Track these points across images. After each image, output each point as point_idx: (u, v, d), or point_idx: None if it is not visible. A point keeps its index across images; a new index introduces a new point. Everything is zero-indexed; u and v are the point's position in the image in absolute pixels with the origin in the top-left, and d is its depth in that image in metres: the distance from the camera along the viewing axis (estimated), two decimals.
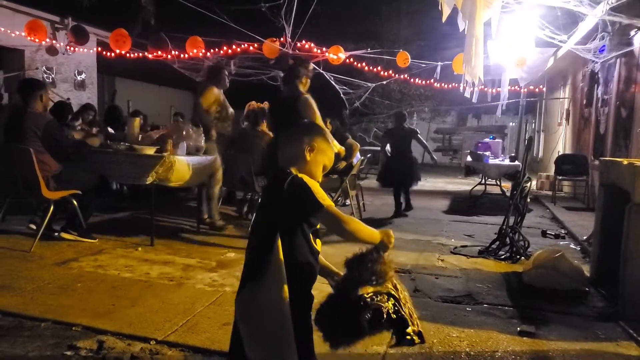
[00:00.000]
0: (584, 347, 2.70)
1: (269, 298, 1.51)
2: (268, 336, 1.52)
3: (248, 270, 1.61)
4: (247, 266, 1.63)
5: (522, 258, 4.40)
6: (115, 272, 3.61)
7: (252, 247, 1.64)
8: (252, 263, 1.59)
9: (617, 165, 3.51)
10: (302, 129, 1.77)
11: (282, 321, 1.50)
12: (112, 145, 4.69)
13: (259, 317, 1.53)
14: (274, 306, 1.51)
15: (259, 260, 1.54)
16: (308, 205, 1.57)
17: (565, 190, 9.35)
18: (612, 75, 7.21)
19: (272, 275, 1.51)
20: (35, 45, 8.77)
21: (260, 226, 1.67)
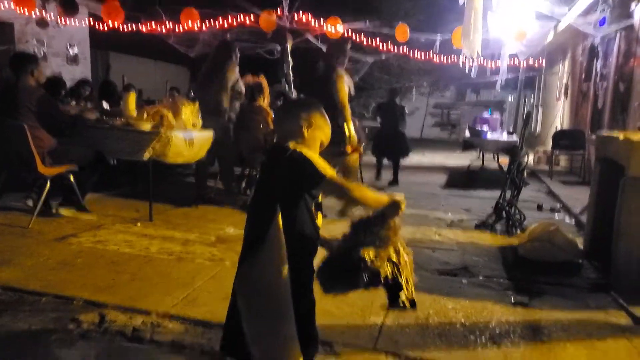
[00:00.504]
0: (575, 317, 2.77)
1: (267, 272, 1.53)
2: (265, 310, 1.54)
3: (248, 244, 1.63)
4: (246, 241, 1.65)
5: (517, 231, 4.45)
6: (115, 247, 3.65)
7: (252, 222, 1.66)
8: (252, 238, 1.61)
9: (613, 140, 3.52)
10: (300, 104, 1.80)
11: (280, 295, 1.52)
12: (107, 120, 4.67)
13: (257, 291, 1.55)
14: (271, 280, 1.53)
15: (259, 234, 1.56)
16: (310, 177, 1.59)
17: (562, 165, 9.38)
18: (612, 49, 7.15)
19: (271, 249, 1.53)
20: (24, 18, 8.59)
21: (260, 201, 1.68)
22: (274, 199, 1.57)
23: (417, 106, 18.65)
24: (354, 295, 2.87)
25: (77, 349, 2.21)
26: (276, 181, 1.62)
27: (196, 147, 4.72)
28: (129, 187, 5.86)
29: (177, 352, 2.23)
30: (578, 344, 2.43)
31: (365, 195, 1.64)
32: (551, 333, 2.55)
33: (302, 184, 1.62)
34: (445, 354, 2.28)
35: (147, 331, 2.39)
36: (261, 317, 1.55)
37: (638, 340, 2.49)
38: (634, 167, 3.09)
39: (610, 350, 2.38)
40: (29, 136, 3.96)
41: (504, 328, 2.59)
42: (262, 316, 1.55)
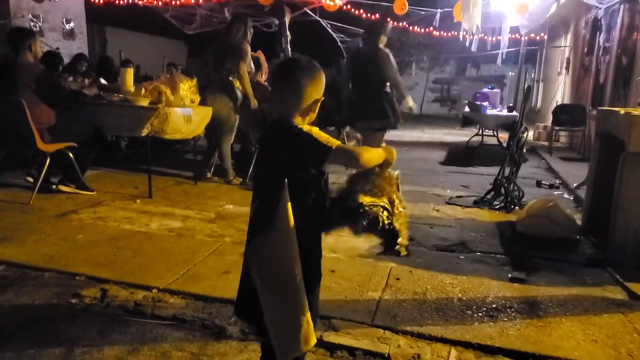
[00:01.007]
0: (571, 292, 2.80)
1: (280, 248, 1.54)
2: (279, 284, 1.55)
3: (258, 221, 1.61)
4: (256, 217, 1.63)
5: (516, 208, 4.47)
6: (115, 223, 3.67)
7: (260, 199, 1.64)
8: (261, 215, 1.59)
9: (614, 115, 3.50)
10: (294, 75, 1.63)
11: (292, 271, 1.53)
12: (106, 96, 4.63)
13: (271, 266, 1.56)
14: (285, 255, 1.53)
15: (268, 212, 1.55)
16: (317, 153, 1.58)
17: (562, 141, 9.36)
18: (615, 21, 7.04)
19: (281, 226, 1.53)
20: None
21: (265, 178, 1.66)
22: (280, 176, 1.55)
23: (417, 81, 18.47)
24: (351, 271, 2.93)
25: (80, 323, 2.25)
26: (279, 158, 1.60)
27: (194, 123, 4.70)
28: (128, 163, 5.85)
29: (179, 326, 2.27)
30: (574, 319, 2.47)
31: (372, 157, 1.65)
32: (547, 308, 2.59)
33: (308, 160, 1.61)
34: (442, 328, 2.31)
35: (149, 306, 2.43)
36: (275, 293, 1.56)
37: (633, 315, 2.53)
38: (634, 143, 3.09)
39: (605, 325, 2.42)
40: (28, 112, 3.93)
41: (500, 303, 2.63)
42: (276, 293, 1.56)
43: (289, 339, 1.55)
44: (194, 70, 10.54)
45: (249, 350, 2.09)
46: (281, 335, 1.56)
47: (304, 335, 1.56)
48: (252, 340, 2.14)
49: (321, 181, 1.67)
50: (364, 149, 1.64)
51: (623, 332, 2.35)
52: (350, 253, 3.22)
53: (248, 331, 2.20)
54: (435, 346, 2.19)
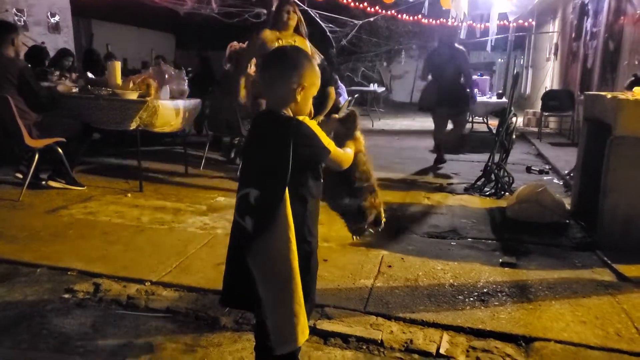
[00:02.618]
0: (561, 275, 2.84)
1: (280, 247, 1.55)
2: (279, 278, 1.56)
3: (257, 220, 1.56)
4: (253, 215, 1.57)
5: (506, 194, 4.51)
6: (106, 218, 3.65)
7: (258, 188, 1.58)
8: (260, 213, 1.56)
9: (601, 99, 3.53)
10: (290, 66, 1.61)
11: (291, 266, 1.55)
12: (93, 90, 4.58)
13: (271, 260, 1.56)
14: (285, 248, 1.54)
15: (268, 210, 1.54)
16: (317, 154, 1.59)
17: (551, 127, 9.42)
18: (602, 6, 7.08)
19: (282, 225, 1.54)
20: None
21: (259, 168, 1.63)
22: (280, 173, 1.52)
23: (406, 70, 18.44)
24: (344, 259, 2.95)
25: (73, 318, 2.25)
26: (278, 154, 1.54)
27: (184, 115, 4.67)
28: (118, 157, 5.81)
29: (173, 318, 2.27)
30: (563, 301, 2.51)
31: (349, 159, 1.76)
32: (537, 292, 2.62)
33: (310, 158, 1.60)
34: (434, 314, 2.34)
35: (142, 299, 2.43)
36: (274, 287, 1.57)
37: (621, 296, 2.57)
38: (621, 126, 3.12)
39: (594, 306, 2.46)
40: (14, 108, 3.89)
41: (491, 288, 2.66)
42: (275, 287, 1.57)
43: (286, 332, 1.57)
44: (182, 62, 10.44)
45: (242, 340, 2.11)
46: (279, 329, 1.56)
47: (301, 328, 1.57)
48: (246, 330, 2.15)
49: (317, 170, 1.67)
50: (346, 155, 1.74)
51: (611, 312, 2.40)
52: (342, 242, 3.24)
53: (242, 321, 2.21)
54: (427, 331, 2.22)
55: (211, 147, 5.90)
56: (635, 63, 5.59)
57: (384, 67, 17.38)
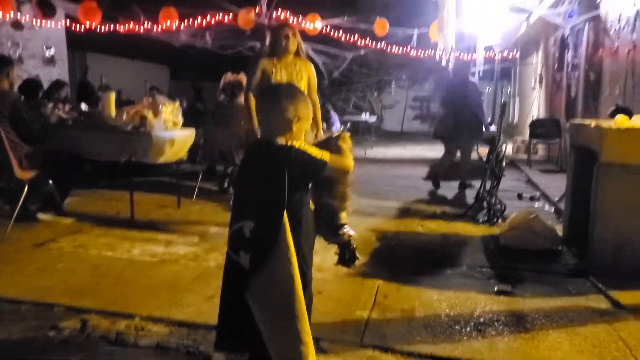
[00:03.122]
0: (556, 303, 2.83)
1: (284, 278, 1.52)
2: (281, 311, 1.54)
3: (254, 253, 1.55)
4: (249, 249, 1.57)
5: (499, 221, 4.52)
6: (96, 251, 3.60)
7: (253, 230, 1.57)
8: (257, 246, 1.55)
9: (586, 127, 3.60)
10: (285, 96, 1.69)
11: (295, 295, 1.52)
12: (86, 122, 4.59)
13: (272, 295, 1.54)
14: (286, 282, 1.52)
15: (266, 241, 1.53)
16: (313, 168, 1.63)
17: (540, 154, 9.54)
18: (581, 39, 7.30)
19: (283, 253, 1.52)
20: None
21: (254, 199, 1.63)
22: (276, 200, 1.54)
23: (397, 100, 18.73)
24: (339, 291, 2.92)
25: (59, 356, 2.18)
26: (274, 181, 1.57)
27: (177, 146, 4.68)
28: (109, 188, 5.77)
29: (163, 355, 2.21)
30: (560, 330, 2.49)
31: (350, 163, 1.78)
32: (534, 320, 2.60)
33: (305, 177, 1.64)
34: (432, 345, 2.31)
35: (131, 334, 2.37)
36: (277, 318, 1.54)
37: (617, 324, 2.56)
38: (607, 153, 3.17)
39: (591, 334, 2.44)
40: (5, 140, 3.87)
41: (488, 317, 2.64)
42: (278, 317, 1.54)
43: None
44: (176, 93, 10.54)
45: None
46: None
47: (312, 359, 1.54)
48: None
49: (308, 196, 1.69)
50: (345, 159, 1.75)
51: (608, 340, 2.38)
52: (337, 272, 3.20)
53: (235, 357, 2.16)
54: None
55: (204, 177, 5.89)
56: (616, 93, 5.73)
57: (375, 97, 17.63)
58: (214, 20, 8.19)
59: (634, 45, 5.24)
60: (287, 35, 3.61)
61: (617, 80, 5.73)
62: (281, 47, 3.63)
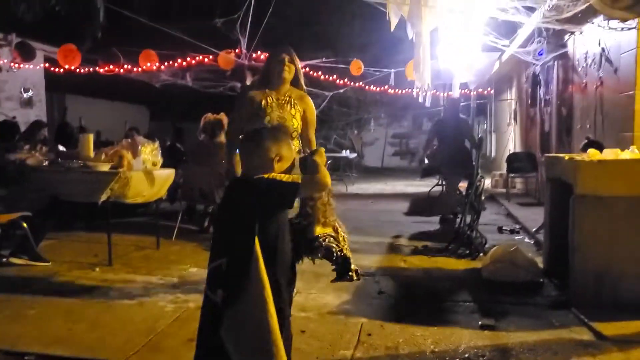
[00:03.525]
0: (540, 336, 2.82)
1: (255, 312, 1.50)
2: (257, 348, 1.50)
3: (229, 289, 1.55)
4: (225, 280, 1.57)
5: (480, 254, 4.54)
6: (72, 295, 3.48)
7: (227, 265, 1.58)
8: (231, 281, 1.54)
9: (560, 161, 3.70)
10: (269, 137, 1.76)
11: (270, 331, 1.49)
12: (63, 163, 4.54)
13: (247, 332, 1.51)
14: (263, 323, 1.50)
15: (238, 277, 1.52)
16: (288, 192, 1.64)
17: (518, 187, 9.72)
18: (552, 76, 7.61)
19: (257, 293, 1.51)
20: None
21: (231, 236, 1.63)
22: (250, 230, 1.56)
23: (377, 137, 19.07)
24: (322, 329, 2.87)
25: None
26: (248, 214, 1.60)
27: (156, 186, 4.64)
28: (87, 230, 5.66)
29: None
30: None
31: (327, 176, 1.78)
32: (518, 354, 2.59)
33: (281, 203, 1.66)
34: None
35: None
36: (253, 357, 1.50)
37: (602, 356, 2.55)
38: (581, 186, 3.25)
39: None
40: None
41: (472, 352, 2.61)
42: (254, 357, 1.50)
43: None
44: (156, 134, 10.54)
45: None
46: None
47: None
48: None
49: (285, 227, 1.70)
50: (322, 176, 1.74)
51: None
52: (320, 311, 3.16)
53: None
54: None
55: (184, 216, 5.82)
56: (587, 127, 5.94)
57: (354, 134, 17.91)
58: (194, 61, 8.32)
59: (601, 82, 5.48)
60: (283, 60, 2.86)
61: (588, 115, 5.95)
62: (275, 74, 2.90)
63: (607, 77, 5.33)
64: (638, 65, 4.47)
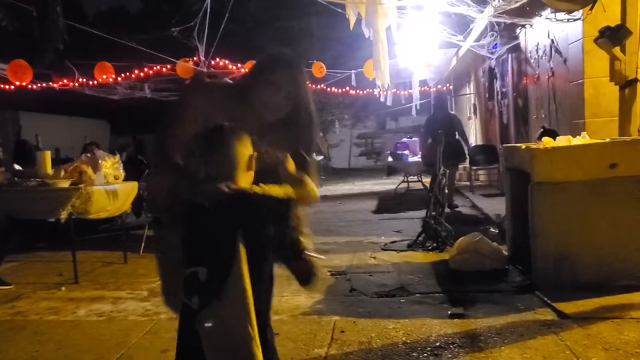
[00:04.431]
0: (507, 320, 2.92)
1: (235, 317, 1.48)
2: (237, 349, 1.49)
3: (208, 290, 1.50)
4: (202, 287, 1.51)
5: (447, 246, 4.65)
6: (37, 316, 3.38)
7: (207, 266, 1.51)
8: (211, 284, 1.50)
9: (517, 150, 3.84)
10: (223, 141, 1.60)
11: (251, 344, 1.48)
12: (21, 182, 4.40)
13: (229, 345, 1.49)
14: (242, 326, 1.48)
15: (218, 280, 1.49)
16: (283, 209, 1.59)
17: (482, 179, 9.99)
18: (507, 69, 7.86)
19: (236, 293, 1.48)
20: None
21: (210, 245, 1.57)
22: (234, 242, 1.49)
23: (342, 138, 19.23)
24: (296, 330, 2.88)
25: None
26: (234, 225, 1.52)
27: (120, 200, 4.56)
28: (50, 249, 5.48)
29: None
30: (512, 346, 2.56)
31: (314, 189, 1.71)
32: (487, 339, 2.67)
33: (278, 218, 1.60)
34: None
35: None
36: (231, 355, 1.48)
37: (564, 333, 2.66)
38: (537, 173, 3.39)
39: (540, 346, 2.53)
40: None
41: (443, 341, 2.68)
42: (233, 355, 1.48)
43: None
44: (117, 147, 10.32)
45: None
46: None
47: None
48: None
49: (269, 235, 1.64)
50: (307, 187, 1.67)
51: (556, 350, 2.47)
52: (293, 312, 3.18)
53: None
54: None
55: (150, 229, 5.72)
56: (542, 116, 6.17)
57: (320, 137, 18.00)
58: (152, 72, 8.19)
59: (552, 72, 5.70)
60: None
61: (542, 105, 6.18)
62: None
63: (557, 68, 5.56)
64: (585, 54, 4.66)
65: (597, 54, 4.22)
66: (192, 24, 7.84)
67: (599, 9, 4.01)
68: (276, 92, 1.77)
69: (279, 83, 1.76)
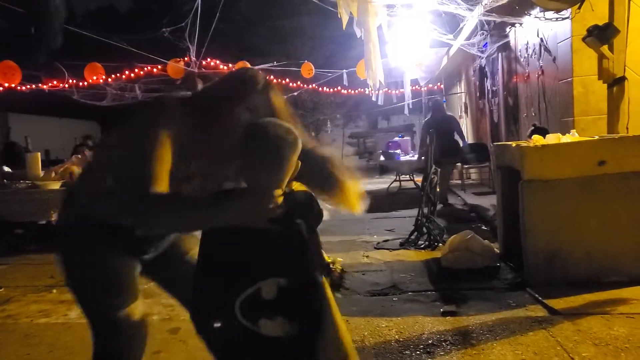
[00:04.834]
0: (498, 317, 2.94)
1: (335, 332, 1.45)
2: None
3: (308, 311, 1.42)
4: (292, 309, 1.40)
5: (439, 244, 4.68)
6: (28, 319, 3.35)
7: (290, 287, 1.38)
8: (309, 302, 1.42)
9: (508, 148, 3.87)
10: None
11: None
12: (9, 184, 4.36)
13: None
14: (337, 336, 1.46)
15: (315, 294, 1.43)
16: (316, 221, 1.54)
17: (473, 178, 10.03)
18: (497, 68, 7.92)
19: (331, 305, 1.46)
20: None
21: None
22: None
23: (334, 138, 19.25)
24: None
25: None
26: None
27: None
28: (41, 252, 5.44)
29: None
30: (504, 342, 2.58)
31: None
32: (479, 336, 2.69)
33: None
34: None
35: None
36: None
37: (554, 329, 2.69)
38: (527, 171, 3.42)
39: (532, 342, 2.55)
40: None
41: (435, 338, 2.69)
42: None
43: None
44: None
45: None
46: None
47: None
48: None
49: None
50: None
51: (547, 346, 2.49)
52: None
53: None
54: None
55: None
56: (532, 115, 6.22)
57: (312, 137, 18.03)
58: (143, 72, 8.16)
59: (542, 71, 5.75)
60: None
61: (532, 103, 6.23)
62: None
63: (547, 66, 5.60)
64: (574, 53, 4.71)
65: (585, 53, 4.26)
66: (183, 24, 7.83)
67: (587, 8, 4.06)
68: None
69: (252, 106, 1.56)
